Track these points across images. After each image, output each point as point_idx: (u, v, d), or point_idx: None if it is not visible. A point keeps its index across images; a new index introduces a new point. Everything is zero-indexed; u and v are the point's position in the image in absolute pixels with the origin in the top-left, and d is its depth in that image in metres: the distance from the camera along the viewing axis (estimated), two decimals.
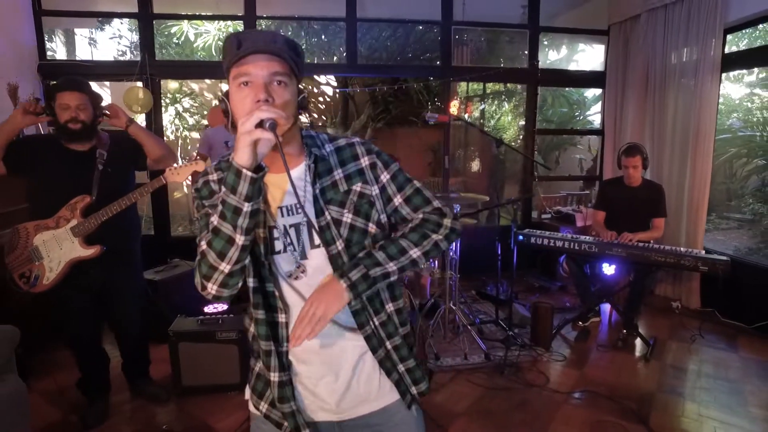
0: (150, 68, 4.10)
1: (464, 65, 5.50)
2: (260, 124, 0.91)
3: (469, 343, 3.27)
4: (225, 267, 0.99)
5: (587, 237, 3.51)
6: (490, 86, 7.70)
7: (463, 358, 3.11)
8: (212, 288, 1.01)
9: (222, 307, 3.48)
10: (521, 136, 5.84)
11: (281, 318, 1.10)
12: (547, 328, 3.34)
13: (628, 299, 3.59)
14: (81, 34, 7.63)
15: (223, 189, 0.95)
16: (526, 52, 4.90)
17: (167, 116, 7.26)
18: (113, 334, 2.70)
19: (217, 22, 6.71)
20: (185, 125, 7.21)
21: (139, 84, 4.09)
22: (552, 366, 3.08)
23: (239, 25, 4.63)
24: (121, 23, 7.68)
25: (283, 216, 1.09)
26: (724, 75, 3.74)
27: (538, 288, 4.54)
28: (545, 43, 7.38)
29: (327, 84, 7.94)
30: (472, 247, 4.17)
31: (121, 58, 7.98)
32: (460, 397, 2.73)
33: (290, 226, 1.09)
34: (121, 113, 2.36)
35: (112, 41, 8.49)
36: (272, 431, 1.16)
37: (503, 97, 7.83)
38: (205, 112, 6.96)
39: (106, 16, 4.46)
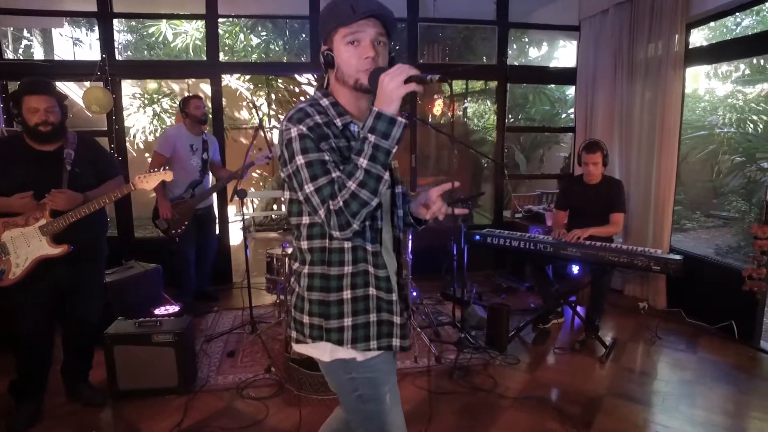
0: (110, 68, 4.06)
1: (435, 63, 5.42)
2: (408, 80, 1.06)
3: (421, 346, 3.21)
4: (374, 201, 1.12)
5: (544, 237, 3.44)
6: (477, 85, 7.63)
7: (413, 362, 3.05)
8: (356, 224, 1.13)
9: (173, 308, 3.45)
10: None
11: (383, 251, 1.28)
12: (503, 330, 3.27)
13: (589, 300, 3.52)
14: (63, 33, 7.61)
15: (371, 136, 1.08)
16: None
17: (146, 117, 7.24)
18: (62, 335, 2.63)
19: (194, 21, 6.67)
20: (163, 126, 7.16)
21: (100, 84, 4.05)
22: (503, 369, 3.01)
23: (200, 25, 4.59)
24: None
25: None
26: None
27: (506, 289, 4.48)
28: (525, 40, 7.31)
29: (308, 83, 7.90)
30: (436, 248, 4.10)
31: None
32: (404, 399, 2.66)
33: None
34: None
35: (97, 42, 8.53)
36: (382, 359, 1.33)
37: (484, 96, 7.75)
38: None
39: (63, 15, 4.39)
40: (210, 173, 3.97)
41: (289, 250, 3.34)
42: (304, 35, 7.43)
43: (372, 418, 1.35)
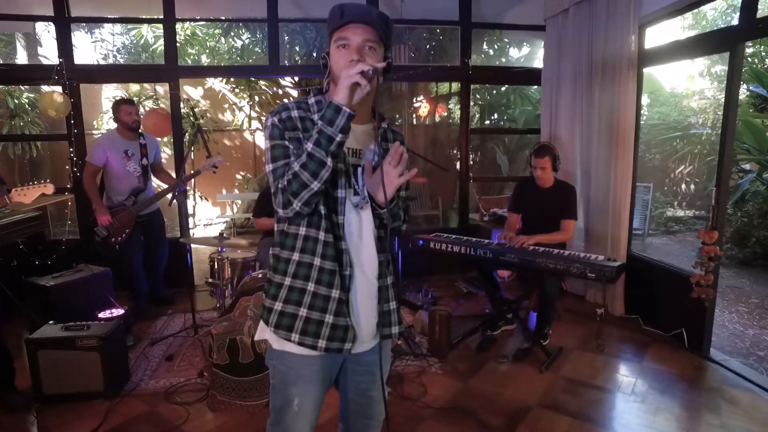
0: (68, 72, 4.09)
1: (401, 64, 5.37)
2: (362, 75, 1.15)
3: None
4: (315, 185, 1.19)
5: (487, 242, 3.38)
6: (456, 86, 7.56)
7: None
8: (297, 205, 1.21)
9: (118, 311, 3.45)
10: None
11: (343, 245, 1.32)
12: (443, 336, 3.22)
13: (538, 307, 3.45)
14: (52, 36, 7.71)
15: (320, 122, 1.17)
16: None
17: None
18: None
19: (181, 24, 6.70)
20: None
21: (58, 88, 4.08)
22: (437, 377, 2.96)
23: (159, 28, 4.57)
24: (102, 27, 7.78)
25: (349, 156, 1.34)
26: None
27: (465, 294, 4.41)
28: (506, 41, 7.22)
29: (292, 87, 7.90)
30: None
31: (102, 62, 8.09)
32: (323, 408, 2.62)
33: (352, 165, 1.34)
34: None
35: (93, 44, 8.65)
36: (300, 362, 1.36)
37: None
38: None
39: (20, 20, 4.43)
40: (153, 178, 3.94)
41: (225, 255, 3.33)
42: (287, 37, 7.45)
43: (276, 411, 1.41)
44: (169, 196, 3.64)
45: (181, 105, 7.61)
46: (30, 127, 6.34)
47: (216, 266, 3.33)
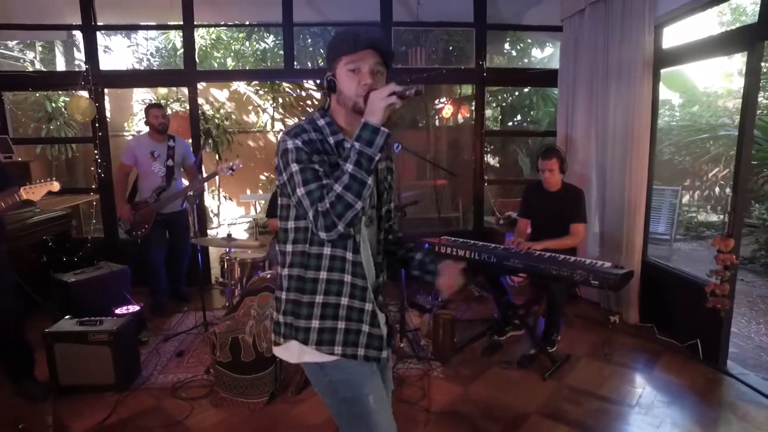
0: (93, 78, 4.28)
1: (417, 66, 5.37)
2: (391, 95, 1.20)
3: None
4: (359, 205, 1.21)
5: (493, 247, 3.34)
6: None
7: None
8: (341, 226, 1.21)
9: (133, 308, 3.59)
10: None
11: (362, 259, 1.36)
12: (447, 340, 3.21)
13: (546, 314, 3.39)
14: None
15: (357, 144, 1.20)
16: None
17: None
18: None
19: (197, 29, 6.89)
20: None
21: (85, 93, 4.29)
22: (438, 381, 2.95)
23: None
24: (138, 32, 8.10)
25: None
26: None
27: (477, 297, 4.37)
28: (529, 41, 7.10)
29: (315, 89, 8.00)
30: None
31: (137, 66, 8.43)
32: (322, 409, 2.67)
33: None
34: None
35: (129, 49, 9.02)
36: (357, 367, 1.38)
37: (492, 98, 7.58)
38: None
39: (49, 29, 4.67)
40: (181, 178, 4.10)
41: (234, 255, 3.42)
42: (309, 39, 7.55)
43: (356, 421, 1.39)
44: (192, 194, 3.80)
45: (207, 107, 7.90)
46: (65, 130, 6.65)
47: (225, 266, 3.42)
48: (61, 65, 7.32)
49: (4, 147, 4.09)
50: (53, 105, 6.62)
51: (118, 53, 8.65)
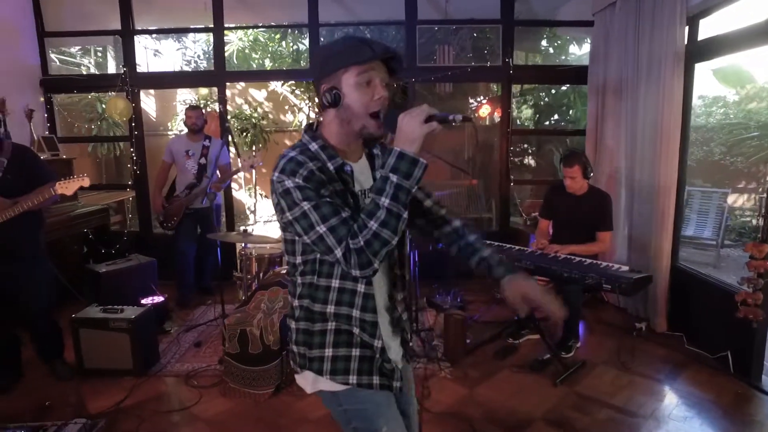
0: (130, 80, 4.52)
1: (445, 65, 5.30)
2: (428, 119, 1.07)
3: None
4: (395, 240, 1.10)
5: (509, 247, 3.26)
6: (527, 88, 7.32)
7: None
8: (377, 263, 1.11)
9: (158, 299, 3.76)
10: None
11: (374, 291, 1.27)
12: (458, 341, 3.16)
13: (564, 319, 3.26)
14: (144, 45, 8.52)
15: (394, 177, 1.07)
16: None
17: None
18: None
19: (235, 32, 7.14)
20: None
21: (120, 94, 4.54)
22: (444, 382, 2.92)
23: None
24: (186, 36, 8.50)
25: (365, 196, 1.26)
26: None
27: (498, 299, 4.27)
28: (568, 38, 6.87)
29: None
30: (428, 253, 4.02)
31: (186, 68, 8.83)
32: (320, 406, 2.69)
33: None
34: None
35: (178, 51, 9.48)
36: (374, 396, 1.30)
37: (529, 95, 7.39)
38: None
39: (94, 35, 4.97)
40: (212, 176, 4.25)
41: (250, 250, 3.51)
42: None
43: None
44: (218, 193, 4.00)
45: (246, 107, 8.14)
46: (114, 129, 7.06)
47: (241, 261, 3.52)
48: (112, 68, 7.77)
49: (50, 146, 4.39)
50: (103, 105, 7.05)
51: (167, 56, 9.11)
